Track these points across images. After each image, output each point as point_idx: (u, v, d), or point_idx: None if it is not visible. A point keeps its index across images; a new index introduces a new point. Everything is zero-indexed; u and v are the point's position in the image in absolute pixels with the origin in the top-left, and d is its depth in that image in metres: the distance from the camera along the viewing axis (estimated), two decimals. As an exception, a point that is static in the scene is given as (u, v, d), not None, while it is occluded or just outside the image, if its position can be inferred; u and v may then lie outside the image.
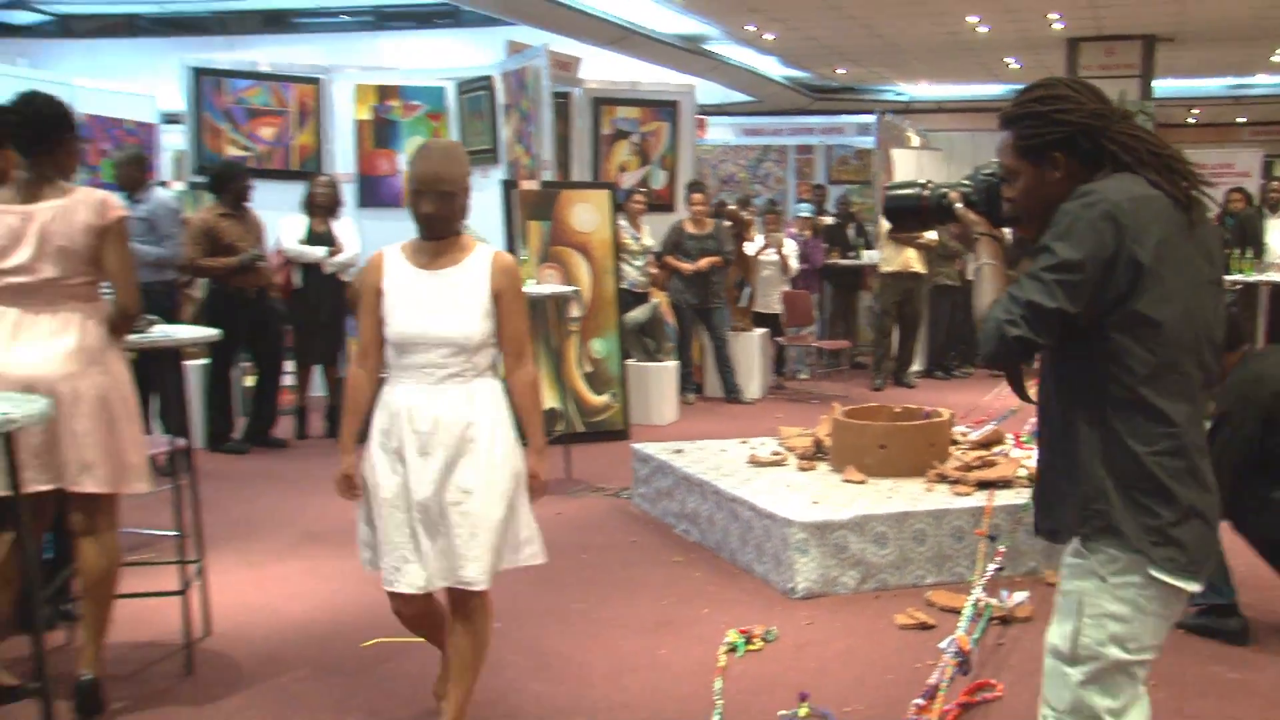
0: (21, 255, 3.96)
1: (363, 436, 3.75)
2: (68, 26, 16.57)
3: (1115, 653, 2.47)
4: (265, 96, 10.69)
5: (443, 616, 3.87)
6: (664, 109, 11.54)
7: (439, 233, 3.63)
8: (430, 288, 3.62)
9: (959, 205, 2.78)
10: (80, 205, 4.00)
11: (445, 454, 3.56)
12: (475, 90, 10.66)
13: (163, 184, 9.56)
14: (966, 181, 2.80)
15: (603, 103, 11.24)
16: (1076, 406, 2.51)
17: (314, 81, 10.89)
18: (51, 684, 3.26)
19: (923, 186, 2.86)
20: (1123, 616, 2.46)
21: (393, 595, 3.70)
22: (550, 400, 8.93)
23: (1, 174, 4.27)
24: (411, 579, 3.59)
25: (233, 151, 10.31)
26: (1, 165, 4.33)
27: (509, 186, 9.30)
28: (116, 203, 4.11)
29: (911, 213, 2.89)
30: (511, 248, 9.10)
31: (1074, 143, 2.51)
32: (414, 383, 3.60)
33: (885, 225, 12.31)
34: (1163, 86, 13.22)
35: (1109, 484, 2.45)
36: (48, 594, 4.69)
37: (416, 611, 3.80)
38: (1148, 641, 2.49)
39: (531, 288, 8.21)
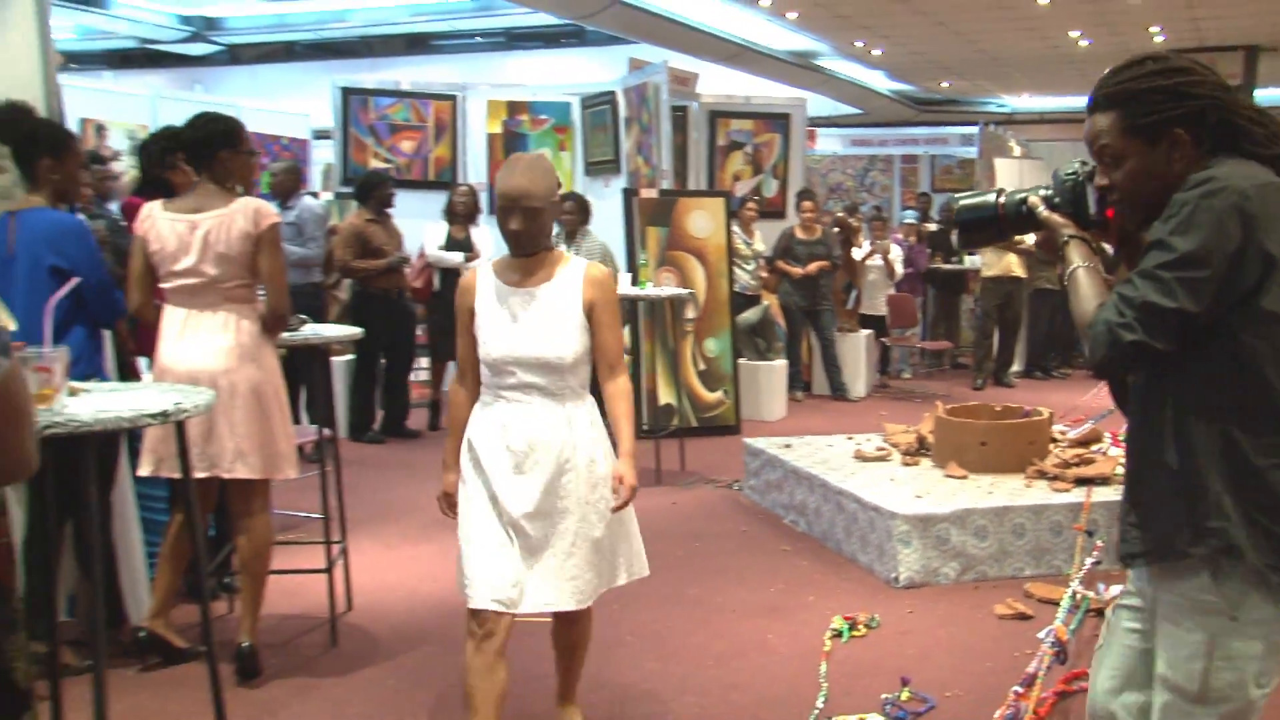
0: (188, 260, 4.11)
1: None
2: (235, 55, 17.05)
3: (1252, 692, 2.17)
4: (406, 113, 10.86)
5: (503, 693, 3.28)
6: (776, 121, 11.49)
7: (527, 249, 3.31)
8: (523, 306, 3.31)
9: (1042, 209, 2.43)
10: (238, 214, 4.12)
11: (542, 475, 3.27)
12: (599, 105, 10.71)
13: (313, 194, 9.76)
14: (1044, 187, 2.48)
15: (718, 115, 11.23)
16: (1192, 415, 2.15)
17: (450, 98, 11.03)
18: (216, 648, 3.35)
19: (997, 194, 2.53)
20: (1257, 654, 2.15)
21: (473, 615, 3.26)
22: (666, 396, 8.96)
23: (180, 186, 4.42)
24: (498, 593, 3.21)
25: (376, 164, 10.49)
26: (179, 179, 4.47)
27: (629, 195, 9.33)
28: (270, 212, 4.22)
29: (987, 223, 2.54)
30: (631, 252, 9.14)
31: (1198, 120, 2.16)
32: (508, 403, 3.31)
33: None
34: (1264, 95, 12.77)
35: (1228, 500, 2.11)
36: (211, 569, 4.84)
37: (494, 644, 3.24)
38: (1278, 672, 2.20)
39: (649, 290, 8.23)
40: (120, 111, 9.89)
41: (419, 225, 9.16)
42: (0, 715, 3.31)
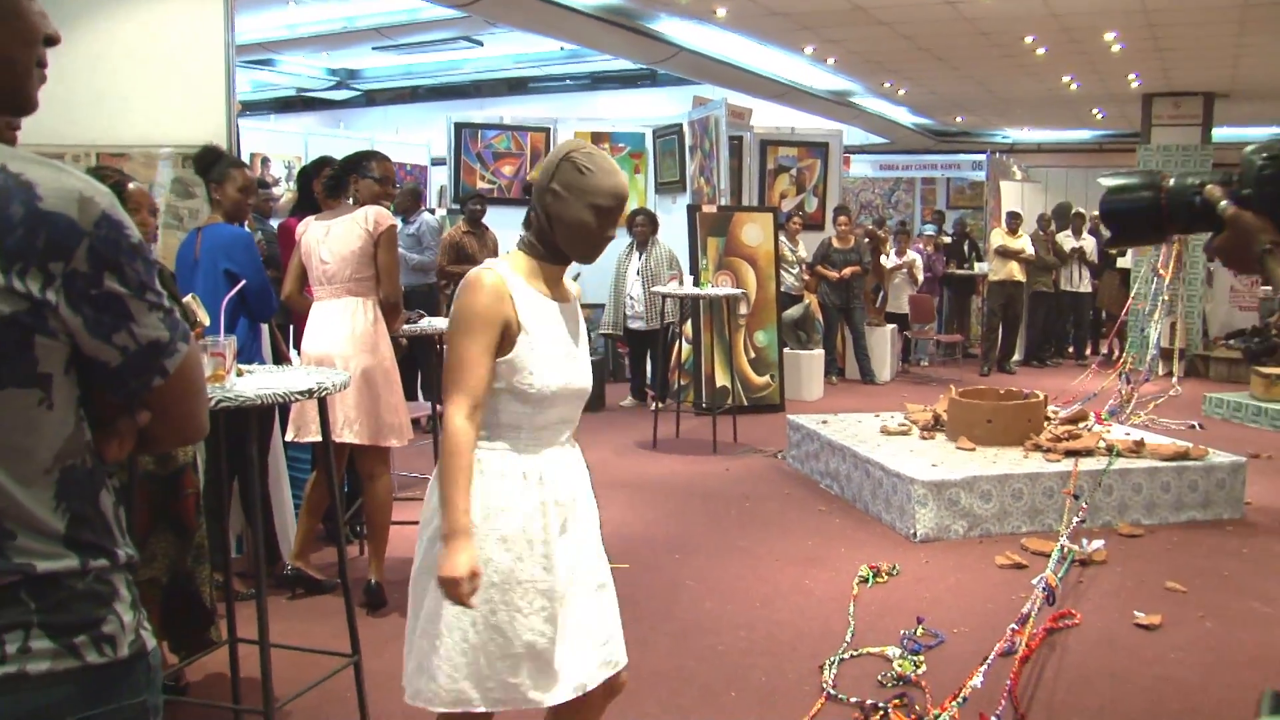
0: (321, 255, 4.24)
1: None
2: (370, 98, 17.25)
3: None
4: (507, 142, 10.93)
5: None
6: (817, 149, 11.43)
7: (596, 258, 2.32)
8: (566, 325, 2.29)
9: (1226, 205, 1.52)
10: (360, 219, 4.23)
11: (582, 529, 2.29)
12: (668, 135, 10.70)
13: (430, 210, 9.86)
14: (1222, 175, 1.59)
15: (768, 144, 11.19)
16: None
17: (544, 130, 11.08)
18: (349, 584, 3.41)
19: (1158, 178, 1.65)
20: None
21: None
22: (721, 379, 8.95)
23: (328, 203, 4.51)
24: (570, 679, 2.23)
25: (482, 185, 10.57)
26: (328, 202, 4.56)
27: (693, 210, 9.32)
28: (387, 217, 4.29)
29: (1144, 218, 1.64)
30: (694, 258, 9.13)
31: None
32: (547, 446, 2.24)
33: (995, 242, 11.94)
34: (1220, 134, 12.62)
35: None
36: (346, 518, 4.92)
37: None
38: None
39: (709, 290, 8.22)
40: (280, 146, 10.10)
41: (515, 235, 9.22)
42: (192, 627, 3.42)
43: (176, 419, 1.38)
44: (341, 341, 4.18)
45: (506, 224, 9.32)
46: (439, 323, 5.27)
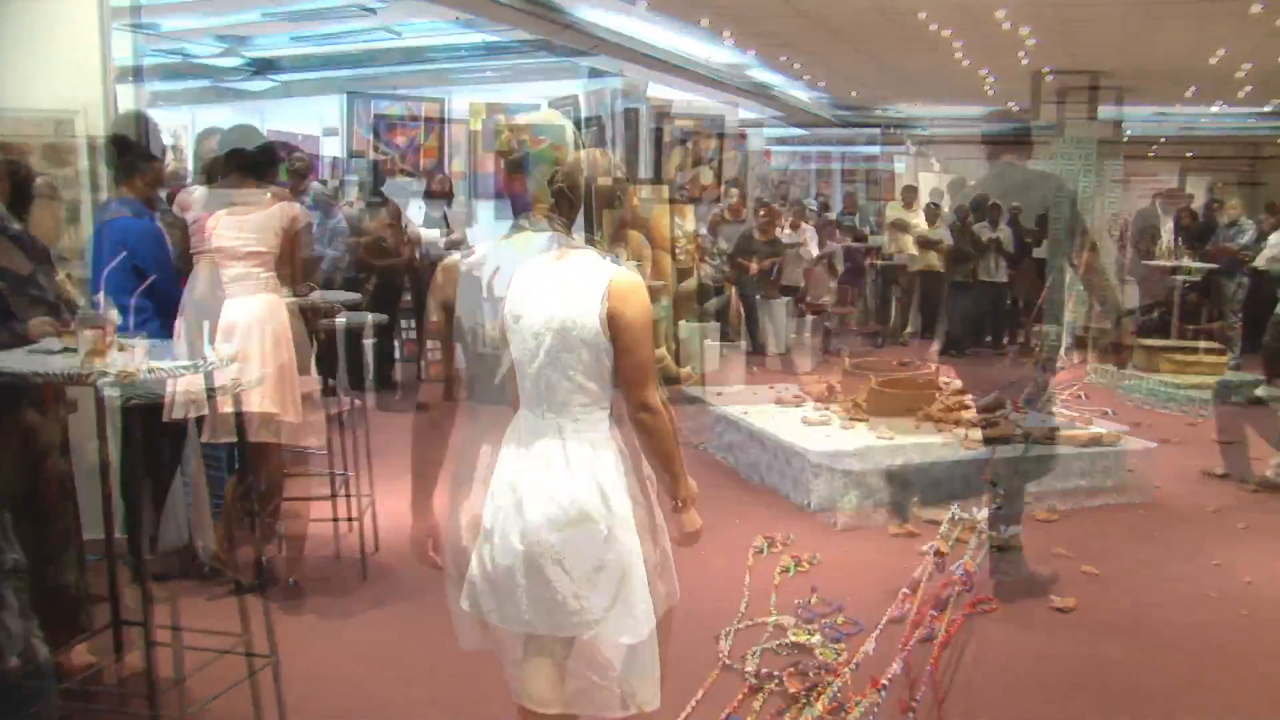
0: (235, 252, 4.14)
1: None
2: (260, 66, 16.75)
3: None
4: (400, 112, 10.75)
5: None
6: (712, 121, 11.48)
7: None
8: None
9: None
10: (276, 214, 4.18)
11: None
12: (563, 107, 10.63)
13: (322, 182, 9.61)
14: None
15: (664, 117, 11.19)
16: None
17: (438, 100, 10.94)
18: (268, 582, 3.31)
19: None
20: None
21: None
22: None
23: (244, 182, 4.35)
24: None
25: (375, 156, 10.37)
26: (239, 185, 4.40)
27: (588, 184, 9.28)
28: (300, 213, 4.26)
29: None
30: (590, 231, 9.08)
31: None
32: None
33: (890, 216, 12.10)
34: (1106, 112, 13.06)
35: None
36: (265, 517, 4.74)
37: None
38: None
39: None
40: (165, 115, 9.75)
41: (413, 207, 9.13)
42: (59, 614, 3.27)
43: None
44: (251, 337, 4.10)
45: (401, 194, 9.19)
46: (333, 295, 5.15)
